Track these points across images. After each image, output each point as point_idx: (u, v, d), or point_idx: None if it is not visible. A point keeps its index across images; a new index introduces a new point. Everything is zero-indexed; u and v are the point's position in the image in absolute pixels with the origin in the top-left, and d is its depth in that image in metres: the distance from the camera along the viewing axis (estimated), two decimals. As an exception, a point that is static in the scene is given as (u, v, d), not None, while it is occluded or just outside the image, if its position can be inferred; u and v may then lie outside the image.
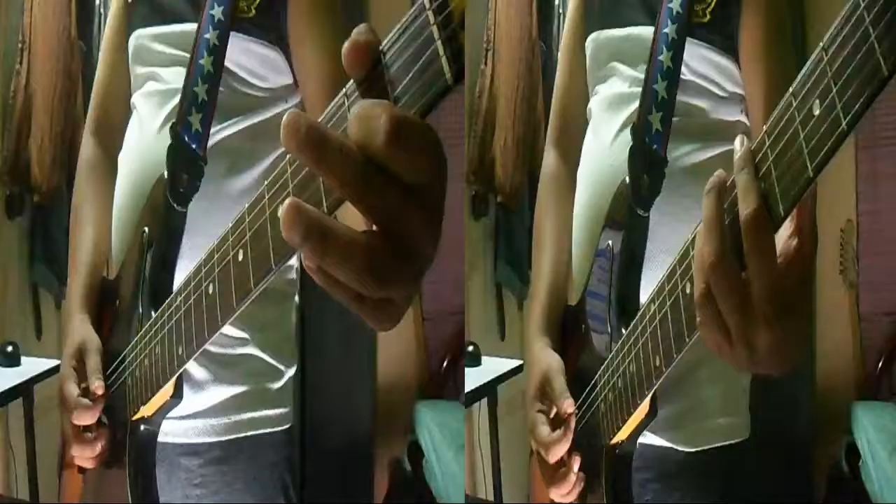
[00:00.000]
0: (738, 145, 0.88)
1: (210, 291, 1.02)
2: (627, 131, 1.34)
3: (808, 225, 0.90)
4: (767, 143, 0.85)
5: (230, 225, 0.98)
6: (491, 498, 2.64)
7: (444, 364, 2.56)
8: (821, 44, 0.79)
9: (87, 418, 1.33)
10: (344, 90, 0.78)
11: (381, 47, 0.79)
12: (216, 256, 1.01)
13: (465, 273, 2.61)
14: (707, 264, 0.91)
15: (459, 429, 2.37)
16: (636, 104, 1.32)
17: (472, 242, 2.78)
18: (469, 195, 2.78)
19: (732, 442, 1.33)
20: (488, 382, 2.52)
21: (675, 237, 1.25)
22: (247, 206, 0.95)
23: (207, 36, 1.25)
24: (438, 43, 0.77)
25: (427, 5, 0.78)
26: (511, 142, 2.76)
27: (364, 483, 2.44)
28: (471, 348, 2.60)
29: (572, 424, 1.29)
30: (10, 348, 2.55)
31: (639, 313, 1.13)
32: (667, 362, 1.07)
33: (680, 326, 1.03)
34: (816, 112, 0.79)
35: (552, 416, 1.34)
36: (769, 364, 0.94)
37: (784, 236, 0.90)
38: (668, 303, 1.04)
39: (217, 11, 1.25)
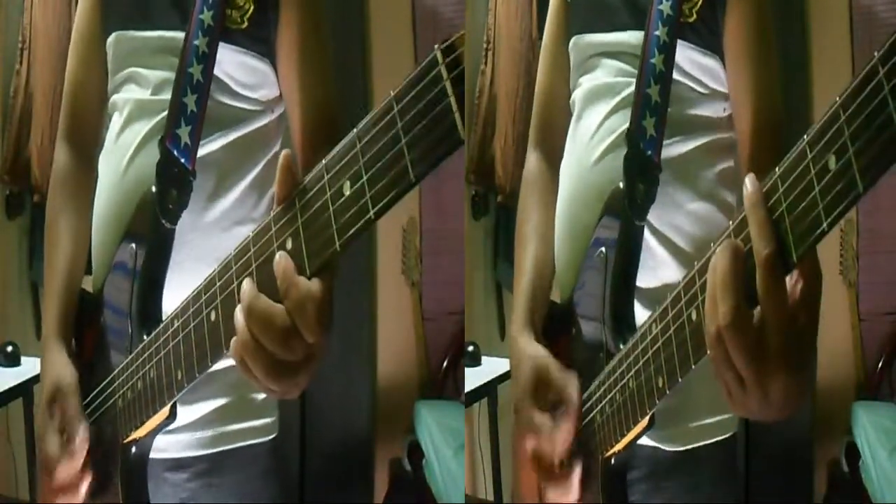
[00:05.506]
0: (750, 184, 0.89)
1: (212, 318, 1.02)
2: (611, 121, 1.32)
3: (812, 268, 0.91)
4: (781, 190, 0.86)
5: (233, 252, 0.99)
6: (491, 498, 2.64)
7: (444, 364, 2.56)
8: (837, 99, 0.79)
9: (72, 468, 1.27)
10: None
11: (392, 95, 0.83)
12: (218, 283, 1.01)
13: (466, 273, 2.61)
14: (722, 323, 0.92)
15: (459, 429, 2.37)
16: (621, 94, 1.31)
17: (472, 242, 2.78)
18: (469, 195, 2.78)
19: (720, 438, 1.32)
20: (488, 382, 2.52)
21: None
22: (252, 234, 0.97)
23: (196, 42, 1.21)
24: (451, 99, 0.80)
25: (440, 59, 0.80)
26: (511, 141, 2.76)
27: (364, 483, 2.44)
28: (471, 348, 2.59)
29: (578, 407, 1.26)
30: (10, 348, 2.55)
31: (640, 332, 1.13)
32: (670, 383, 1.07)
33: (685, 351, 1.03)
34: (832, 167, 0.80)
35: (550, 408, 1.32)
36: (780, 408, 0.96)
37: (790, 280, 0.91)
38: (672, 327, 1.05)
39: (206, 16, 1.23)
